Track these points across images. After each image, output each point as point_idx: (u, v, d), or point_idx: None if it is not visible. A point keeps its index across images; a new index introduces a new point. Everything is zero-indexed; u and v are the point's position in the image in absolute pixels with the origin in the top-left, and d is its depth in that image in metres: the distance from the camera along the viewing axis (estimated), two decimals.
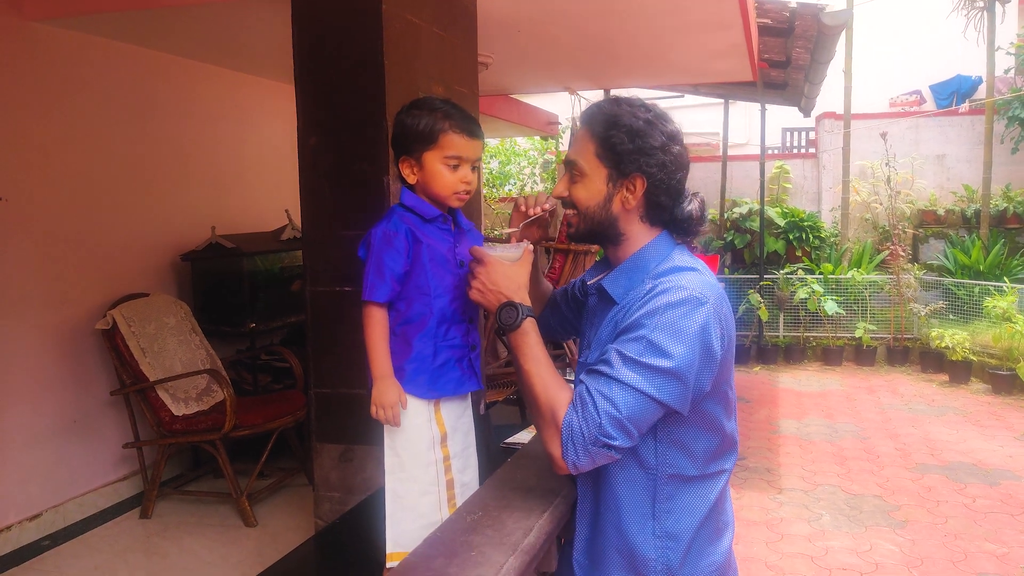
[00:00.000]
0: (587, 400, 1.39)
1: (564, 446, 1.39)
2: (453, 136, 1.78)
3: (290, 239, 4.97)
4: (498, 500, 1.58)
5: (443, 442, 1.86)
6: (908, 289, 8.21)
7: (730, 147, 10.30)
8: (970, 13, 9.35)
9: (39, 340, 3.80)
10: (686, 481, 1.50)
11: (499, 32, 4.05)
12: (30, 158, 3.72)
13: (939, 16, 10.21)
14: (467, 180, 1.82)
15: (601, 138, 1.54)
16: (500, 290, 1.58)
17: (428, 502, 1.84)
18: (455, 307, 1.85)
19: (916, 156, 9.71)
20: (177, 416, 3.92)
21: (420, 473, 1.83)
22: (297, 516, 3.92)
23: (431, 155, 1.79)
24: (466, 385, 1.89)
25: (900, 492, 4.64)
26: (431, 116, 1.78)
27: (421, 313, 1.81)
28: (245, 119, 5.19)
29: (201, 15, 3.57)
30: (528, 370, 1.49)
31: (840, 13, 5.04)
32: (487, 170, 12.09)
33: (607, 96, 1.57)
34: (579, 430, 1.38)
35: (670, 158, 1.52)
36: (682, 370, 1.37)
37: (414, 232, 1.78)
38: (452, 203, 1.84)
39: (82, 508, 3.97)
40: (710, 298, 1.43)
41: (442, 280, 1.82)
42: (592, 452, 1.37)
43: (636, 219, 1.58)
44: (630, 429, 1.37)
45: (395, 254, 1.76)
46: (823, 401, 6.85)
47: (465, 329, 1.88)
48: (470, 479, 1.94)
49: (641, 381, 1.37)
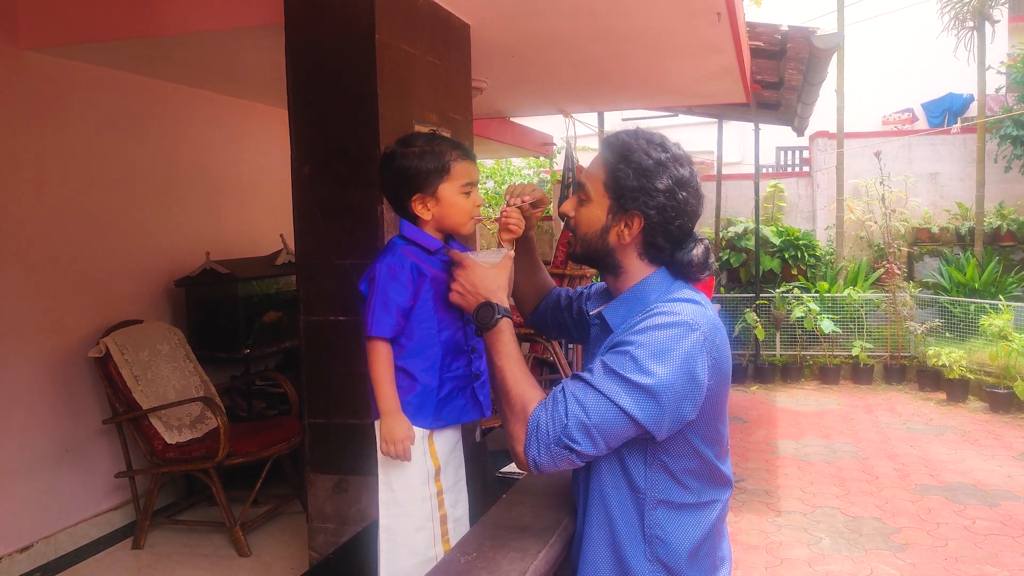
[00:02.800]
0: (559, 400, 1.41)
1: (528, 440, 1.41)
2: (462, 164, 1.82)
3: (285, 264, 4.95)
4: (493, 540, 1.56)
5: (437, 476, 1.84)
6: (904, 307, 8.22)
7: (724, 166, 10.33)
8: (960, 33, 9.43)
9: (31, 368, 3.76)
10: (675, 508, 1.49)
11: (493, 57, 4.07)
12: (23, 186, 3.70)
13: (930, 35, 10.29)
14: (479, 203, 1.86)
15: (610, 168, 1.55)
16: (478, 291, 1.61)
17: (423, 538, 1.82)
18: (459, 337, 1.85)
19: (909, 174, 9.76)
20: (170, 444, 3.88)
21: (415, 509, 1.82)
22: (291, 545, 3.88)
23: (446, 187, 1.80)
24: (470, 413, 1.90)
25: (900, 514, 4.62)
26: (435, 151, 1.80)
27: (426, 346, 1.80)
28: (239, 144, 5.19)
29: (195, 43, 3.57)
30: (501, 367, 1.52)
31: (831, 36, 5.06)
32: (483, 190, 12.14)
33: (627, 127, 1.57)
34: (545, 427, 1.39)
35: (672, 203, 1.51)
36: (660, 391, 1.36)
37: (419, 266, 1.78)
38: (468, 229, 1.87)
39: (73, 539, 3.92)
40: (702, 326, 1.42)
41: (446, 312, 1.82)
42: (553, 452, 1.39)
43: (634, 255, 1.58)
44: (596, 437, 1.37)
45: (400, 288, 1.75)
46: (821, 421, 6.83)
47: (468, 359, 1.88)
48: (461, 513, 1.94)
49: (617, 393, 1.37)
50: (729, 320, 8.71)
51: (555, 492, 1.80)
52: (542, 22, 3.52)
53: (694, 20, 3.59)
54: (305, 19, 2.64)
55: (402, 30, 2.73)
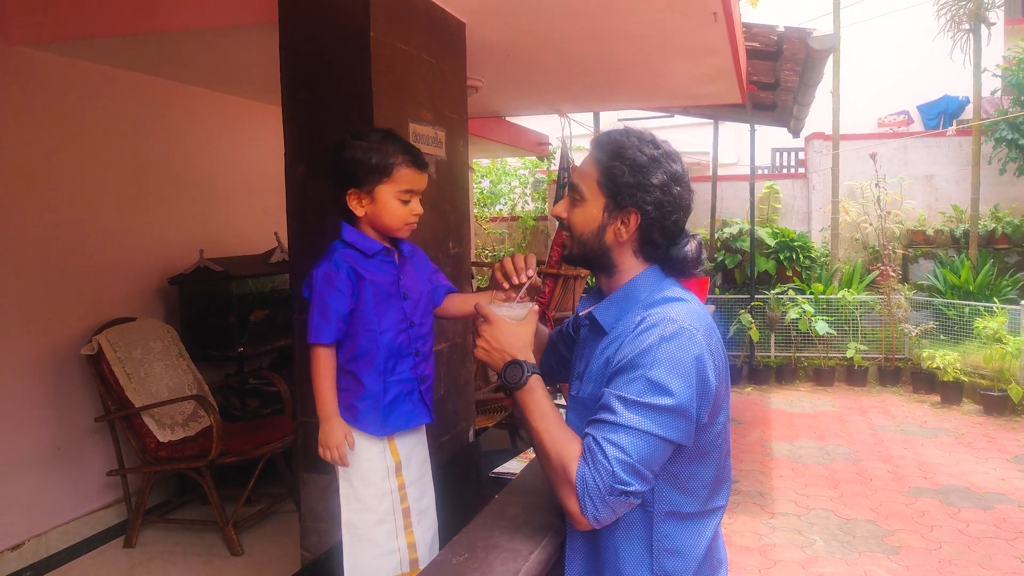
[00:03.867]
0: (595, 450, 1.36)
1: (581, 501, 1.36)
2: (406, 171, 1.80)
3: (279, 262, 4.94)
4: (485, 540, 1.55)
5: (398, 471, 1.87)
6: (899, 309, 8.22)
7: (720, 167, 10.33)
8: (956, 35, 9.44)
9: (22, 365, 3.74)
10: (683, 519, 1.47)
11: (489, 57, 4.06)
12: (15, 182, 3.68)
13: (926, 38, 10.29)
14: (417, 212, 1.85)
15: (604, 167, 1.54)
16: (504, 349, 1.56)
17: (384, 531, 1.85)
18: (401, 340, 1.86)
19: (905, 176, 9.77)
20: (162, 443, 3.87)
21: (375, 503, 1.84)
22: (284, 544, 3.87)
23: (384, 188, 1.79)
24: (417, 418, 1.91)
25: (893, 516, 4.62)
26: (382, 150, 1.79)
27: (367, 349, 1.82)
28: (233, 141, 5.17)
29: (189, 40, 3.56)
30: (537, 428, 1.47)
31: (827, 37, 5.07)
32: (478, 189, 12.12)
33: (617, 127, 1.57)
34: (593, 482, 1.35)
35: (668, 198, 1.51)
36: (684, 405, 1.37)
37: (356, 269, 1.79)
38: (402, 234, 1.86)
39: (65, 537, 3.90)
40: (700, 328, 1.42)
41: (387, 314, 1.83)
42: (610, 502, 1.35)
43: (629, 252, 1.57)
44: (643, 472, 1.35)
45: (337, 294, 1.77)
46: (815, 422, 6.83)
47: (412, 362, 1.89)
48: (427, 505, 1.96)
49: (646, 422, 1.35)
50: (724, 321, 8.71)
51: (548, 493, 1.79)
52: (538, 21, 3.52)
53: (690, 21, 3.58)
54: (299, 17, 2.62)
55: (397, 28, 2.72)
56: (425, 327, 1.95)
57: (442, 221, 3.10)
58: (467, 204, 3.48)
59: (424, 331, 1.94)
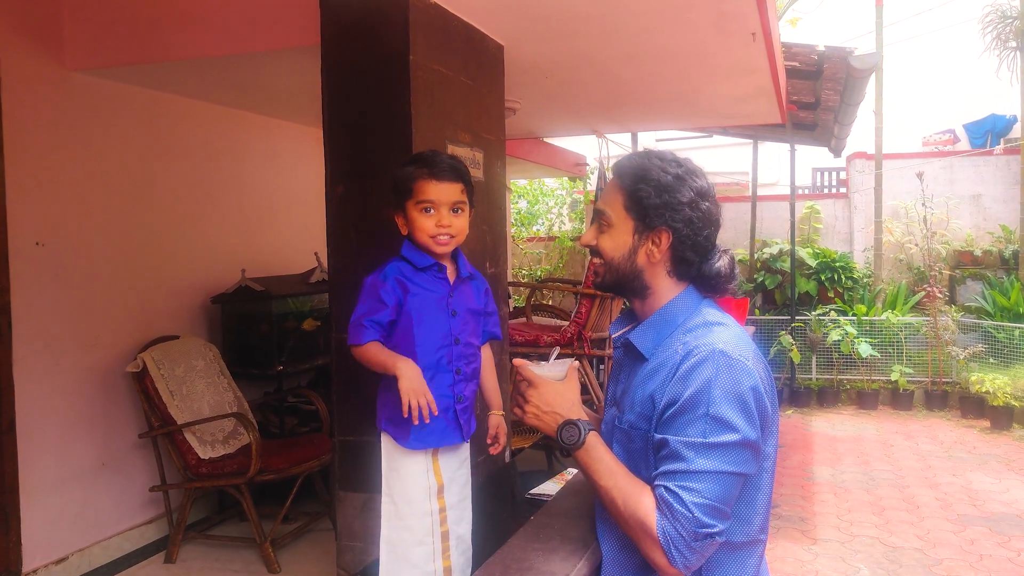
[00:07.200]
0: (671, 501, 1.35)
1: (668, 554, 1.35)
2: (422, 183, 1.84)
3: (319, 281, 5.00)
4: (520, 562, 1.54)
5: (440, 493, 1.87)
6: (946, 331, 8.02)
7: (760, 187, 10.25)
8: (1003, 53, 9.28)
9: (71, 382, 3.83)
10: (732, 549, 1.46)
11: (526, 78, 4.09)
12: (67, 204, 3.79)
13: (971, 56, 10.13)
14: (444, 224, 1.84)
15: (629, 190, 1.54)
16: (556, 411, 1.55)
17: (422, 552, 1.84)
18: (441, 355, 1.86)
19: (951, 196, 9.57)
20: (203, 459, 3.92)
21: (415, 523, 1.84)
22: (321, 562, 3.88)
23: (410, 205, 1.85)
24: (450, 437, 1.89)
25: (941, 545, 4.48)
26: (404, 170, 1.86)
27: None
28: (274, 162, 5.27)
29: (232, 63, 3.65)
30: (606, 486, 1.45)
31: (869, 56, 5.01)
32: (515, 209, 12.16)
33: (640, 149, 1.57)
34: (676, 533, 1.34)
35: (697, 214, 1.50)
36: (749, 437, 1.37)
37: (403, 282, 1.82)
38: (434, 248, 1.86)
39: (107, 551, 3.97)
40: (749, 357, 1.42)
41: (429, 329, 1.84)
42: (696, 548, 1.34)
43: (662, 273, 1.56)
44: (723, 509, 1.36)
45: (377, 304, 1.81)
46: (858, 446, 6.67)
47: (451, 380, 1.89)
48: (464, 531, 1.95)
49: (716, 462, 1.35)
50: (764, 343, 8.58)
51: (584, 515, 1.78)
52: (575, 43, 3.54)
53: (728, 41, 3.57)
54: (341, 40, 2.68)
55: (436, 51, 2.76)
56: (471, 348, 1.95)
57: (479, 242, 3.11)
58: (504, 225, 3.50)
59: (469, 352, 1.94)
